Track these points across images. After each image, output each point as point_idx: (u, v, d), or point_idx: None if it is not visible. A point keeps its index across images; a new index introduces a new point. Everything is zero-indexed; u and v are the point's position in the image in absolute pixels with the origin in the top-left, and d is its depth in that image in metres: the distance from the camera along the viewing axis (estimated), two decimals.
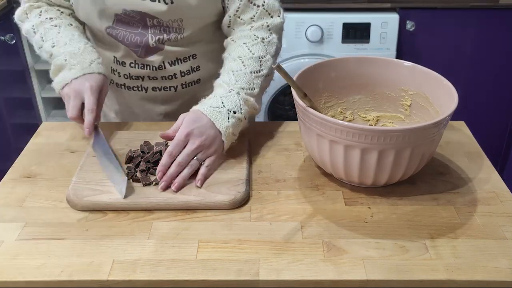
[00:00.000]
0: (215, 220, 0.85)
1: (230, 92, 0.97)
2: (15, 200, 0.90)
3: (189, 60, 1.13)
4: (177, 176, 0.90)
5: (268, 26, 1.05)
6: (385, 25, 2.04)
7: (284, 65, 1.71)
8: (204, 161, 0.93)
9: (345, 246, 0.79)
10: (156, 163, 0.93)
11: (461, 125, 1.12)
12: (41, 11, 1.10)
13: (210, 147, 0.93)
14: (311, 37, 2.05)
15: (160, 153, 0.95)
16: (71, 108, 0.99)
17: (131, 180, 0.91)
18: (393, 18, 2.03)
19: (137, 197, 0.88)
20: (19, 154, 1.04)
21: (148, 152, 0.97)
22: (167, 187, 0.89)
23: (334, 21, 2.05)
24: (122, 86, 1.17)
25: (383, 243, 0.80)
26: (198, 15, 1.06)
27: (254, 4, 1.04)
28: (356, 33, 2.06)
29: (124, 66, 1.13)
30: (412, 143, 0.81)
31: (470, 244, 0.79)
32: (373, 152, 0.82)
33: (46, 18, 1.08)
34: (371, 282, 0.74)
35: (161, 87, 1.15)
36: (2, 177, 0.97)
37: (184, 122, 0.93)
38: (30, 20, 1.10)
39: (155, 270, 0.75)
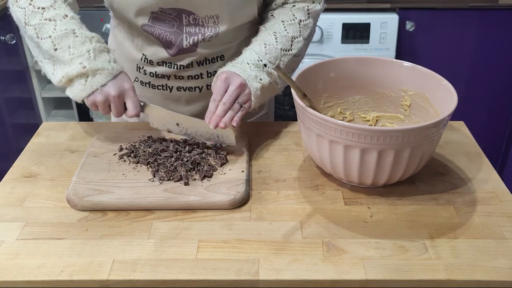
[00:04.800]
0: (215, 220, 0.85)
1: (259, 61, 1.01)
2: (15, 200, 0.90)
3: (217, 61, 1.13)
4: (224, 115, 0.96)
5: (308, 10, 1.08)
6: (384, 25, 2.04)
7: None
8: (243, 104, 0.99)
9: (345, 246, 0.79)
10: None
11: (461, 125, 1.12)
12: None
13: (247, 90, 0.99)
14: None
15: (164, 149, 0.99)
16: (116, 113, 0.98)
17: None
18: (393, 18, 2.03)
19: (137, 197, 0.88)
20: (19, 154, 1.04)
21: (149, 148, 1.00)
22: (216, 126, 0.95)
23: (334, 21, 2.05)
24: (147, 84, 1.16)
25: (383, 243, 0.80)
26: (235, 10, 1.06)
27: None
28: (355, 33, 2.06)
29: (152, 64, 1.13)
30: (412, 143, 0.81)
31: (469, 244, 0.80)
32: (372, 152, 0.82)
33: (38, 8, 0.98)
34: (371, 282, 0.74)
35: (186, 87, 1.15)
36: (2, 177, 0.97)
37: (221, 74, 1.00)
38: (20, 6, 0.99)
39: (155, 270, 0.75)
